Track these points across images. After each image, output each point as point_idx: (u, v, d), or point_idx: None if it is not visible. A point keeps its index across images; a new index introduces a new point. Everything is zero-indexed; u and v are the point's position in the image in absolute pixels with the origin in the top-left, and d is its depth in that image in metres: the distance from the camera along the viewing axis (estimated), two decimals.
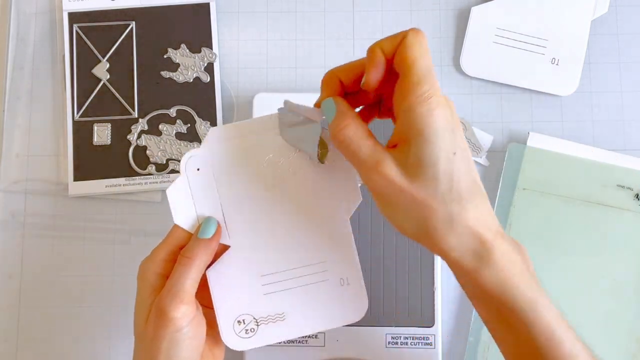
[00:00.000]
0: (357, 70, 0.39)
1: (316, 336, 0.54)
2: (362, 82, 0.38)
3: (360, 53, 0.60)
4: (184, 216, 0.43)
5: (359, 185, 0.44)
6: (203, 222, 0.43)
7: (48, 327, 0.56)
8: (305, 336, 0.54)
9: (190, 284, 0.40)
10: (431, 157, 0.35)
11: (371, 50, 0.37)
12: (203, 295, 0.43)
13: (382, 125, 0.45)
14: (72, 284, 0.57)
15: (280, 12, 0.61)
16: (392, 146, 0.37)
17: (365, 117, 0.42)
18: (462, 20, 0.60)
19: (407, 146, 0.36)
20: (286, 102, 0.43)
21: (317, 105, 0.41)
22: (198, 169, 0.44)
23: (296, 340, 0.54)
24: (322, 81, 0.41)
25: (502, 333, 0.39)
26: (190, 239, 0.43)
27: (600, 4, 0.59)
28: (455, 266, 0.37)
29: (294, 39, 0.61)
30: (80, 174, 0.57)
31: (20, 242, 0.57)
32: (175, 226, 0.43)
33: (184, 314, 0.40)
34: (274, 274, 0.44)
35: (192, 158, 0.43)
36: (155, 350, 0.39)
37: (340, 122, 0.38)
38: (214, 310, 0.44)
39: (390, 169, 0.36)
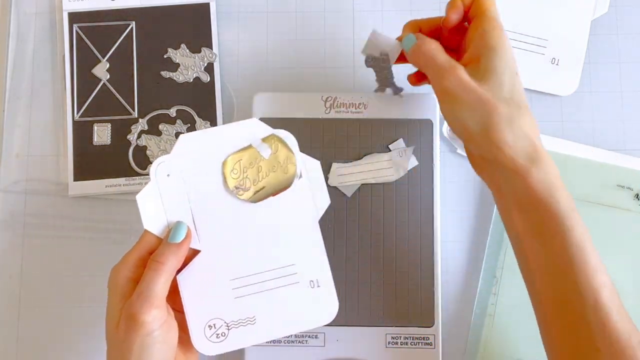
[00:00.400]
0: (434, 22, 0.48)
1: (316, 336, 0.54)
2: (441, 21, 0.47)
3: (360, 52, 0.60)
4: (154, 221, 0.44)
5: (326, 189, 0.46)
6: (173, 227, 0.44)
7: (48, 327, 0.56)
8: (306, 334, 0.54)
9: (160, 289, 0.41)
10: (499, 67, 0.42)
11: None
12: (174, 299, 0.44)
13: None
14: (72, 284, 0.57)
15: (280, 12, 0.61)
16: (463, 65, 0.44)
17: None
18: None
19: (478, 61, 0.43)
20: (373, 33, 0.49)
21: (399, 39, 0.49)
22: (168, 175, 0.44)
23: (296, 341, 0.54)
24: (404, 26, 0.48)
25: (536, 244, 0.41)
26: (160, 244, 0.43)
27: (600, 4, 0.59)
28: (508, 164, 0.41)
29: (294, 39, 0.61)
30: (80, 174, 0.57)
31: (20, 242, 0.57)
32: (146, 231, 0.44)
33: (155, 317, 0.40)
34: (244, 277, 0.45)
35: (162, 164, 0.44)
36: (127, 354, 0.40)
37: (422, 41, 0.46)
38: (183, 314, 0.44)
39: (463, 73, 0.43)
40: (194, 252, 0.45)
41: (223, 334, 0.44)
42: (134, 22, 0.59)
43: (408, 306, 0.54)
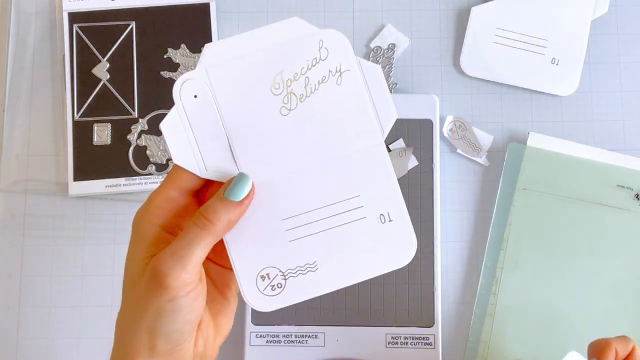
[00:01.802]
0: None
1: (316, 336, 0.54)
2: None
3: (359, 52, 0.60)
4: (185, 154, 0.36)
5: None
6: (234, 179, 0.35)
7: (48, 327, 0.56)
8: (306, 334, 0.54)
9: (200, 253, 0.33)
10: None
11: (608, 347, 0.43)
12: (214, 249, 0.36)
13: None
14: (72, 283, 0.57)
15: (280, 12, 0.61)
16: None
17: None
18: (462, 20, 0.60)
19: None
20: None
21: None
22: (195, 96, 0.36)
23: (296, 341, 0.54)
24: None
25: None
26: (196, 181, 0.36)
27: (600, 4, 0.59)
28: None
29: None
30: (80, 174, 0.57)
31: (20, 242, 0.57)
32: (176, 167, 0.36)
33: (184, 283, 0.33)
34: (300, 215, 0.37)
35: (186, 83, 0.36)
36: (141, 315, 0.33)
37: None
38: (222, 267, 0.38)
39: None
40: None
41: (279, 285, 0.36)
42: (134, 22, 0.59)
43: (408, 306, 0.54)
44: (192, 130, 0.36)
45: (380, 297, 0.54)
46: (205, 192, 0.37)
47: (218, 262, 0.38)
